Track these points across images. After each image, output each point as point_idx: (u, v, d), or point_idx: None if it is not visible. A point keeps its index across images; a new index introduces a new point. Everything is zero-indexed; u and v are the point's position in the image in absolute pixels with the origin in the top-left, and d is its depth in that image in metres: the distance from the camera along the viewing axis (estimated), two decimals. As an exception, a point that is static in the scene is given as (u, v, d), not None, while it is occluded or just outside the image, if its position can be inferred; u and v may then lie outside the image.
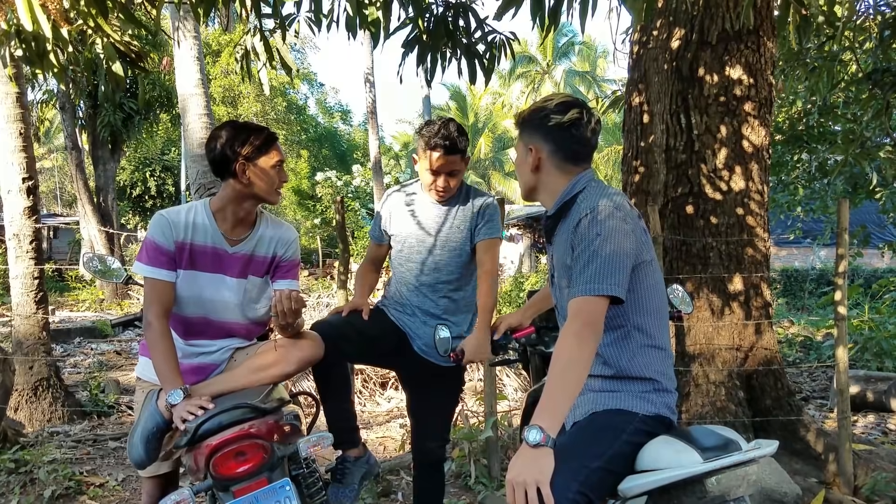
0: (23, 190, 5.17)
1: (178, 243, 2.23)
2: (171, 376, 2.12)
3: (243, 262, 2.34)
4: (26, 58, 3.37)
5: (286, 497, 1.96)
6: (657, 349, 1.84)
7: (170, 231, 2.22)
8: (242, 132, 2.23)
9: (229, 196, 2.27)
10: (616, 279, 1.67)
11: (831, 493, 3.58)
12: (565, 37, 34.35)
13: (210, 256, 2.29)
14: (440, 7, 3.85)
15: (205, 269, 2.29)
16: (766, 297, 4.19)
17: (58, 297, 14.65)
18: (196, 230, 2.26)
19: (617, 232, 1.71)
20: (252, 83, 5.89)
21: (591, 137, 1.87)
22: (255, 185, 2.24)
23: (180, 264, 2.25)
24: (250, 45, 4.13)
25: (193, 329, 2.34)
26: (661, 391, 1.83)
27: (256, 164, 2.22)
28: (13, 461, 4.04)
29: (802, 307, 14.04)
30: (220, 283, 2.32)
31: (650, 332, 1.82)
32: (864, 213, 11.20)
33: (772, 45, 4.17)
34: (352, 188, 24.45)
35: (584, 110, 1.85)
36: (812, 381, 6.94)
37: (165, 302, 2.21)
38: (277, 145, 2.29)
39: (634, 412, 1.78)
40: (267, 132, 2.28)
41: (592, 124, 1.85)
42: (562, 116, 1.83)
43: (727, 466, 1.65)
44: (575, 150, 1.87)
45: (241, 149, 2.20)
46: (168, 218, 2.24)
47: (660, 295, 1.87)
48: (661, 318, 1.87)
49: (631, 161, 4.43)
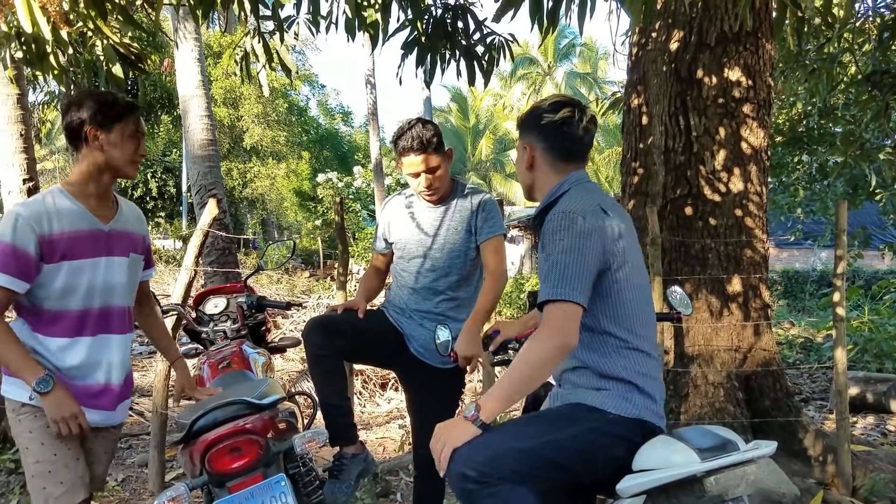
0: (23, 191, 5.17)
1: (43, 239, 2.04)
2: (30, 364, 2.01)
3: (122, 238, 2.24)
4: (26, 60, 3.38)
5: (281, 493, 1.98)
6: (636, 351, 1.82)
7: (27, 228, 2.01)
8: (97, 99, 2.12)
9: (84, 170, 2.13)
10: (575, 285, 1.67)
11: (830, 494, 3.58)
12: (566, 38, 34.34)
13: (85, 241, 2.12)
14: (439, 9, 3.86)
15: (85, 255, 2.12)
16: (765, 298, 4.20)
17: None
18: (62, 216, 2.08)
19: (579, 238, 1.71)
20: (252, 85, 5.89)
21: (584, 136, 1.88)
22: (109, 154, 2.11)
23: (52, 258, 2.06)
24: (249, 46, 4.14)
25: (90, 324, 2.16)
26: (644, 394, 1.81)
27: (111, 133, 2.10)
28: (13, 461, 4.05)
29: (803, 309, 14.03)
30: (112, 266, 2.19)
31: (623, 337, 1.81)
32: (864, 215, 11.19)
33: (770, 46, 4.18)
34: (353, 190, 24.47)
35: (577, 109, 1.86)
36: (812, 383, 6.93)
37: (5, 307, 2.04)
38: (137, 117, 2.16)
39: (605, 411, 1.76)
40: (124, 101, 2.16)
41: (584, 123, 1.86)
42: (553, 115, 1.86)
43: (725, 466, 1.66)
44: (566, 147, 1.88)
45: (96, 115, 2.08)
46: (24, 214, 2.03)
47: (639, 299, 1.85)
48: (640, 320, 1.85)
49: (630, 162, 4.44)
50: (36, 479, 2.09)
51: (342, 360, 2.64)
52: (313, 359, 2.55)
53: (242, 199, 26.67)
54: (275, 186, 27.22)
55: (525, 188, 2.02)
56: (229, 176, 24.82)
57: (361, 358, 3.14)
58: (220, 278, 7.56)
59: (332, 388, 2.56)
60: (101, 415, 2.19)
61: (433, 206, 2.69)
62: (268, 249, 3.65)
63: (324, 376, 2.54)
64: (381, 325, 2.72)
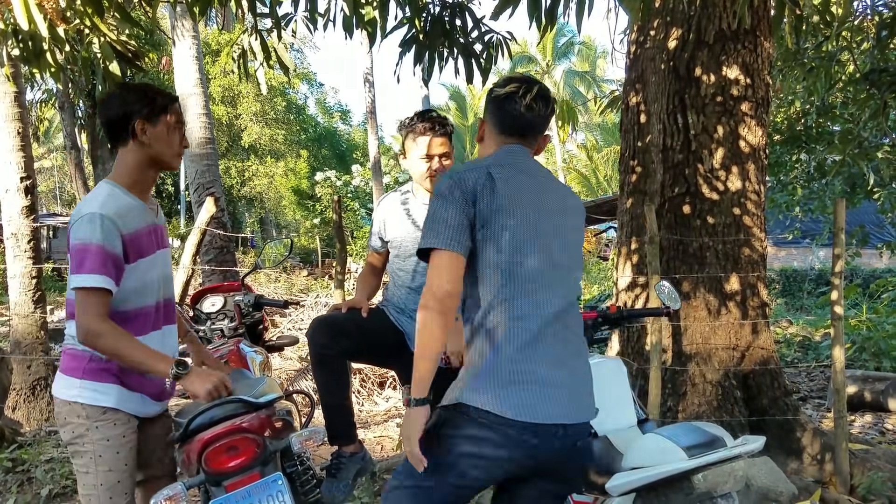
0: (21, 189, 5.17)
1: (125, 238, 2.03)
2: (157, 355, 2.00)
3: (163, 230, 2.27)
4: (23, 57, 3.36)
5: (278, 491, 1.97)
6: (497, 323, 1.71)
7: (112, 228, 1.99)
8: (142, 91, 2.11)
9: (133, 165, 2.11)
10: (442, 232, 1.67)
11: (827, 493, 3.59)
12: (565, 37, 34.32)
13: (148, 236, 2.14)
14: (437, 6, 3.86)
15: (150, 250, 2.14)
16: (763, 296, 4.20)
17: (57, 296, 14.62)
18: (131, 213, 2.07)
19: (441, 198, 1.72)
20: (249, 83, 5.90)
21: (526, 113, 1.83)
22: (156, 147, 2.09)
23: (130, 258, 2.05)
24: (247, 44, 4.13)
25: (160, 317, 2.20)
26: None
27: (157, 125, 2.08)
28: (10, 460, 4.05)
29: (801, 307, 14.04)
30: (165, 257, 2.22)
31: (486, 309, 1.72)
32: (862, 214, 11.19)
33: (768, 44, 4.17)
34: (351, 188, 24.45)
35: (524, 85, 1.84)
36: (810, 381, 6.94)
37: (107, 309, 2.00)
38: (177, 108, 2.15)
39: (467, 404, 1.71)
40: (166, 93, 2.16)
41: (528, 100, 1.82)
42: (501, 90, 1.86)
43: (712, 463, 1.66)
44: (508, 123, 1.86)
45: (142, 109, 2.06)
46: (106, 214, 1.99)
47: (516, 263, 1.72)
48: (509, 288, 1.71)
49: (628, 161, 4.43)
50: (103, 488, 2.05)
51: (346, 360, 2.63)
52: (318, 359, 2.54)
53: (240, 197, 26.66)
54: (273, 185, 27.22)
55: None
56: (227, 174, 24.80)
57: (364, 357, 3.14)
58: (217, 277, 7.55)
59: (335, 388, 2.55)
60: (162, 405, 2.25)
61: (426, 204, 2.69)
62: (266, 248, 3.65)
63: (328, 376, 2.54)
64: (383, 324, 2.71)
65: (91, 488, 2.07)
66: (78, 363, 2.07)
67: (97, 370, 2.06)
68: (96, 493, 2.06)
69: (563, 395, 1.69)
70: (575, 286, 1.83)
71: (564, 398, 1.68)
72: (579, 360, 1.79)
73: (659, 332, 3.82)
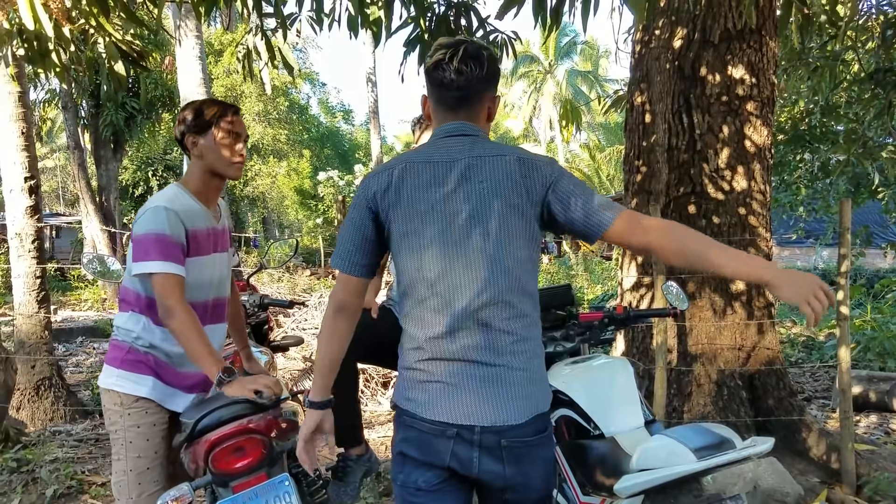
0: (25, 189, 5.17)
1: (188, 232, 2.15)
2: (214, 356, 2.06)
3: (224, 235, 2.37)
4: (28, 57, 3.37)
5: (285, 492, 1.97)
6: (414, 325, 1.65)
7: (177, 220, 2.12)
8: (195, 107, 2.22)
9: (195, 175, 2.24)
10: (339, 253, 1.67)
11: (834, 493, 3.57)
12: (567, 36, 34.32)
13: (206, 238, 2.25)
14: (442, 6, 3.86)
15: (203, 252, 2.23)
16: (769, 296, 4.18)
17: (60, 296, 14.66)
18: (194, 213, 2.20)
19: (350, 211, 1.69)
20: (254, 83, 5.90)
21: (457, 78, 1.61)
22: (207, 159, 2.20)
23: (189, 253, 2.17)
24: (252, 44, 4.13)
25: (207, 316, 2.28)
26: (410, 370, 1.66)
27: (204, 138, 2.19)
28: (15, 460, 4.04)
29: (805, 307, 13.98)
30: (222, 261, 2.33)
31: (405, 307, 1.67)
32: (866, 213, 11.19)
33: (774, 44, 4.16)
34: (354, 188, 24.45)
35: (451, 49, 1.62)
36: (814, 382, 6.92)
37: (183, 292, 2.11)
38: (233, 119, 2.22)
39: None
40: (217, 106, 2.23)
41: (456, 63, 1.60)
42: (429, 59, 1.66)
43: (722, 465, 1.65)
44: (440, 94, 1.66)
45: (190, 124, 2.18)
46: (173, 208, 2.13)
47: (418, 266, 1.62)
48: (416, 291, 1.63)
49: (633, 160, 4.42)
50: (133, 474, 2.15)
51: (355, 364, 2.62)
52: None
53: (243, 197, 26.66)
54: (276, 185, 27.22)
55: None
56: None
57: (374, 359, 3.12)
58: (221, 276, 7.53)
59: (345, 392, 2.54)
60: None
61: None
62: (271, 248, 3.65)
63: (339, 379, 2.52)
64: (394, 324, 2.70)
65: (121, 474, 2.16)
66: (118, 353, 2.19)
67: (134, 361, 2.17)
68: (126, 478, 2.15)
69: (471, 395, 1.58)
70: (504, 276, 1.59)
71: (474, 399, 1.57)
72: (506, 357, 1.60)
73: (664, 333, 3.81)
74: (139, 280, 2.17)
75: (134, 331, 2.19)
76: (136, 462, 2.14)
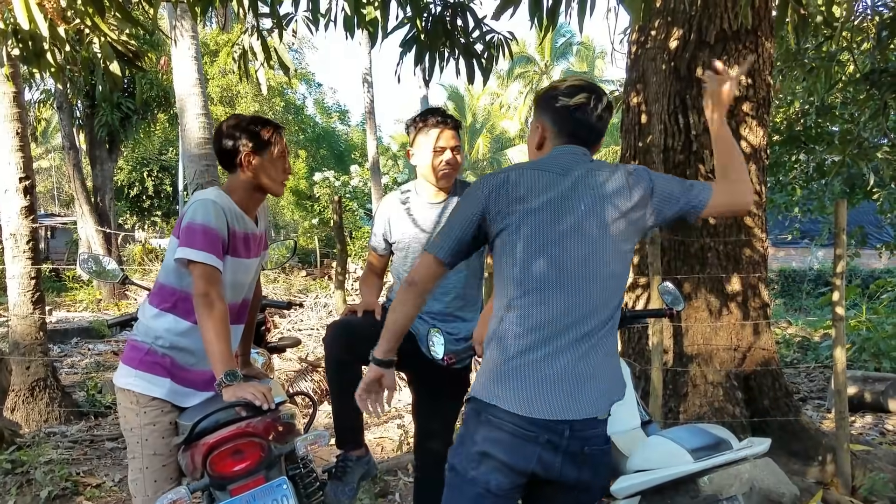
0: (20, 189, 5.16)
1: (230, 230, 2.20)
2: (227, 355, 2.09)
3: (261, 239, 2.41)
4: (23, 57, 3.35)
5: (283, 496, 1.96)
6: (515, 314, 1.71)
7: (223, 217, 2.17)
8: (247, 125, 2.26)
9: (240, 187, 2.28)
10: (439, 240, 1.77)
11: (829, 494, 3.59)
12: (563, 37, 34.34)
13: (243, 241, 2.28)
14: (438, 6, 3.85)
15: (238, 254, 2.27)
16: (764, 297, 4.20)
17: (55, 296, 14.61)
18: (235, 215, 2.24)
19: (464, 197, 1.80)
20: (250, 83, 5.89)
21: (597, 123, 1.83)
22: (260, 177, 2.26)
23: (228, 251, 2.21)
24: (248, 44, 4.12)
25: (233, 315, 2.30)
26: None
27: (261, 157, 2.25)
28: (10, 462, 4.03)
29: (800, 308, 14.05)
30: (252, 265, 2.37)
31: (506, 300, 1.73)
32: (861, 214, 11.21)
33: (770, 45, 4.17)
34: (350, 188, 24.40)
35: (594, 95, 1.81)
36: (810, 382, 6.94)
37: (219, 283, 2.15)
38: (281, 137, 2.30)
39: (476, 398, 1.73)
40: (273, 124, 2.31)
41: (599, 111, 1.82)
42: (569, 99, 1.81)
43: (718, 465, 1.65)
44: (576, 132, 1.83)
45: (249, 143, 2.23)
46: (219, 203, 2.18)
47: (526, 272, 1.71)
48: (526, 285, 1.71)
49: (629, 161, 4.43)
50: (149, 471, 2.17)
51: (359, 367, 2.61)
52: (337, 365, 2.52)
53: (239, 197, 26.58)
54: (271, 185, 27.07)
55: None
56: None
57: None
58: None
59: (346, 394, 2.52)
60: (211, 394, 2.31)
61: (433, 204, 2.68)
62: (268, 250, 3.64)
63: (340, 382, 2.52)
64: None
65: (137, 472, 2.18)
66: (136, 354, 2.21)
67: (151, 363, 2.19)
68: (142, 476, 2.16)
69: (565, 391, 1.65)
70: (608, 292, 1.72)
71: (567, 395, 1.65)
72: (597, 355, 1.71)
73: (660, 333, 3.82)
74: (175, 274, 2.19)
75: (157, 331, 2.20)
76: (152, 460, 2.16)
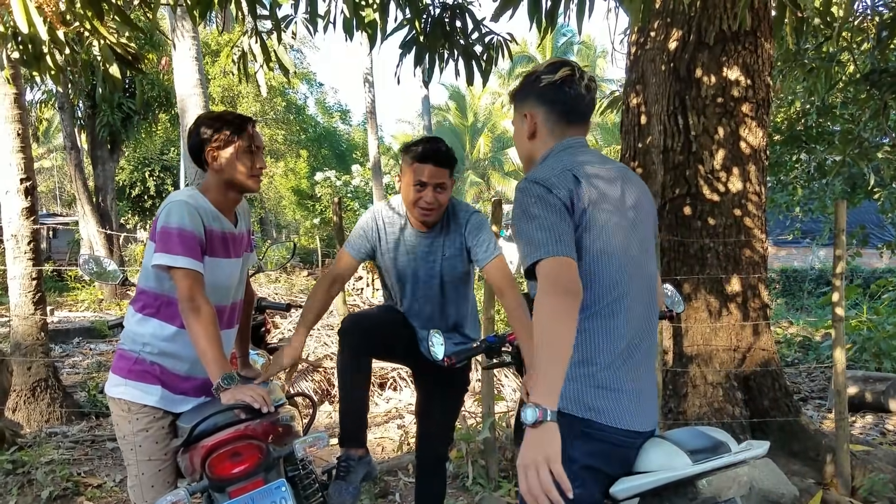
0: (21, 191, 5.17)
1: (206, 230, 2.15)
2: (221, 359, 2.07)
3: (242, 239, 2.37)
4: (23, 60, 3.36)
5: (282, 498, 1.97)
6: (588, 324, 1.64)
7: (197, 217, 2.13)
8: (212, 122, 2.21)
9: (213, 185, 2.24)
10: (549, 241, 1.55)
11: (829, 494, 3.59)
12: (564, 37, 34.32)
13: (221, 241, 2.24)
14: (437, 8, 3.85)
15: (217, 254, 2.22)
16: (764, 297, 4.20)
17: (57, 297, 14.62)
18: (209, 214, 2.20)
19: (539, 203, 1.60)
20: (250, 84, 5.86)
21: (587, 94, 1.75)
22: (227, 172, 2.20)
23: (205, 252, 2.17)
24: (247, 46, 4.13)
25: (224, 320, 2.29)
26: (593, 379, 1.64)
27: (226, 152, 2.19)
28: (11, 462, 4.03)
29: (801, 307, 14.04)
30: (234, 266, 2.31)
31: (588, 311, 1.64)
32: (862, 214, 11.21)
33: (769, 45, 4.17)
34: (351, 188, 24.41)
35: (576, 68, 1.74)
36: (811, 382, 6.94)
37: (202, 287, 2.11)
38: (250, 131, 2.23)
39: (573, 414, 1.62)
40: (236, 119, 2.24)
41: (586, 80, 1.74)
42: (553, 75, 1.73)
43: (717, 468, 1.65)
44: (569, 108, 1.75)
45: (211, 137, 2.18)
46: (192, 203, 2.13)
47: (605, 265, 1.65)
48: (604, 287, 1.65)
49: (628, 162, 4.43)
50: (145, 477, 2.17)
51: (371, 364, 2.61)
52: (352, 361, 2.50)
53: (240, 197, 26.61)
54: (273, 185, 27.20)
55: (524, 160, 1.86)
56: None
57: (387, 356, 3.12)
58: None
59: (355, 392, 2.53)
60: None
61: (422, 234, 2.61)
62: (268, 251, 3.65)
63: (355, 377, 2.52)
64: (402, 322, 2.71)
65: (134, 479, 2.18)
66: (125, 363, 2.18)
67: (141, 372, 2.16)
68: (139, 482, 2.16)
69: (649, 402, 1.74)
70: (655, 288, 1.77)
71: (640, 407, 1.69)
72: (653, 363, 1.78)
73: (660, 334, 3.82)
74: (155, 278, 2.15)
75: (143, 337, 2.16)
76: (147, 465, 2.16)
